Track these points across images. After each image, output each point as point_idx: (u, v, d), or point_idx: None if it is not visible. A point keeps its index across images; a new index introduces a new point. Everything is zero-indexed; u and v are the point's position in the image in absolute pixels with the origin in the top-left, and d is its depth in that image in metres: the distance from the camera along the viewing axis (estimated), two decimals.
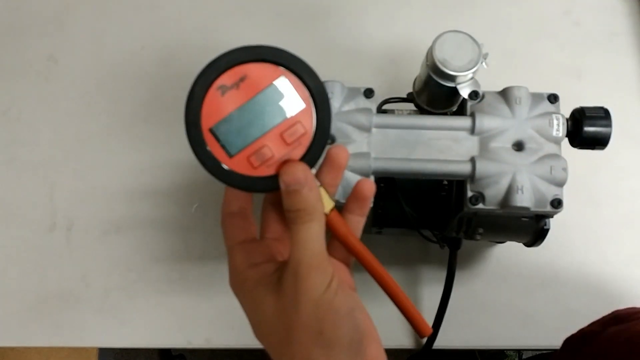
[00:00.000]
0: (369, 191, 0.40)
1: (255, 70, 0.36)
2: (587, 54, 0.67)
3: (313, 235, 0.36)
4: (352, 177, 0.46)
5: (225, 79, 0.36)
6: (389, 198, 0.51)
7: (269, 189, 0.37)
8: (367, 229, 0.40)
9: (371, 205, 0.40)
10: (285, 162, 0.36)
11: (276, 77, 0.36)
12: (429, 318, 0.57)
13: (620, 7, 0.68)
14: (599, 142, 0.47)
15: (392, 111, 0.53)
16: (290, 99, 0.36)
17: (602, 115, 0.47)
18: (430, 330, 0.39)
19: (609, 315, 0.54)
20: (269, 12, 0.69)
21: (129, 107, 0.66)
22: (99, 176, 0.64)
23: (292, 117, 0.36)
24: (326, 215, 0.37)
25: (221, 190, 0.38)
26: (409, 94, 0.54)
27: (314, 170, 0.37)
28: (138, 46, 0.68)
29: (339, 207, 0.39)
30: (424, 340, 0.58)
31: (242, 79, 0.36)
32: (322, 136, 0.37)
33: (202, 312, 0.60)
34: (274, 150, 0.36)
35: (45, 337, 0.60)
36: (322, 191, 0.38)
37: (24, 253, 0.62)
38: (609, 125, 0.47)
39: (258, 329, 0.38)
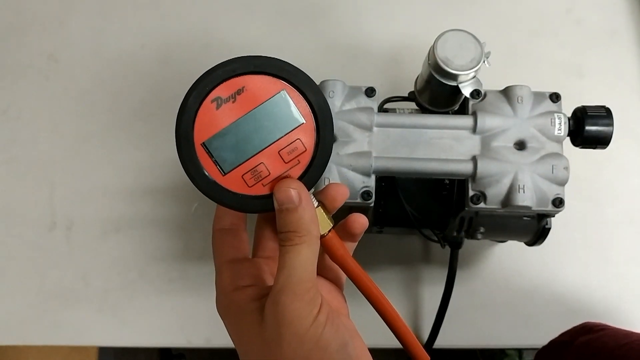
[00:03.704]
0: (360, 229, 0.37)
1: (254, 82, 0.34)
2: (589, 53, 0.67)
3: (302, 259, 0.33)
4: (353, 177, 0.46)
5: (222, 90, 0.34)
6: (390, 197, 0.51)
7: (263, 209, 0.35)
8: (368, 229, 0.39)
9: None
10: (279, 179, 0.34)
11: (276, 91, 0.34)
12: (429, 318, 0.58)
13: (621, 5, 0.68)
14: (601, 141, 0.47)
15: (393, 110, 0.53)
16: (290, 114, 0.34)
17: (604, 114, 0.47)
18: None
19: (579, 326, 0.53)
20: (270, 10, 0.69)
21: (129, 106, 0.66)
22: (99, 175, 0.63)
23: (291, 134, 0.34)
24: (324, 236, 0.36)
25: None
26: (411, 93, 0.53)
27: (311, 194, 0.35)
28: (138, 45, 0.68)
29: (344, 211, 0.38)
30: (425, 339, 0.58)
31: (239, 92, 0.34)
32: (323, 155, 0.35)
33: (202, 312, 0.60)
34: (271, 168, 0.34)
35: (46, 336, 0.60)
36: (321, 211, 0.36)
37: (24, 252, 0.62)
38: (611, 124, 0.47)
39: (243, 355, 0.36)
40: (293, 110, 0.34)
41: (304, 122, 0.34)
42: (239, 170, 0.34)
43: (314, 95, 0.34)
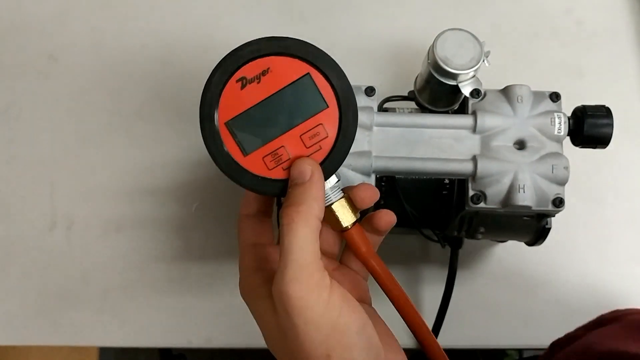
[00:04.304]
0: (385, 227, 0.37)
1: (279, 64, 0.33)
2: (589, 53, 0.67)
3: (299, 242, 0.31)
4: (353, 176, 0.46)
5: (247, 70, 0.33)
6: (390, 197, 0.51)
7: (281, 193, 0.34)
8: None
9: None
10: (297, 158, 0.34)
11: (301, 74, 0.34)
12: (430, 318, 0.57)
13: (621, 5, 0.68)
14: (601, 140, 0.47)
15: (393, 109, 0.53)
16: (314, 98, 0.34)
17: (604, 113, 0.47)
18: None
19: (595, 319, 0.53)
20: (269, 10, 0.69)
21: (129, 105, 0.66)
22: (99, 175, 0.63)
23: (314, 118, 0.34)
24: (346, 229, 0.35)
25: (221, 190, 0.38)
26: (410, 92, 0.53)
27: (334, 179, 0.35)
28: (138, 44, 0.67)
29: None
30: None
31: (264, 72, 0.33)
32: (345, 142, 0.34)
33: (202, 312, 0.60)
34: (292, 152, 0.34)
35: (46, 336, 0.60)
36: (344, 203, 0.35)
37: (24, 252, 0.62)
38: (611, 124, 0.46)
39: (266, 339, 0.35)
40: (317, 94, 0.34)
41: (328, 107, 0.34)
42: (260, 152, 0.34)
43: (338, 80, 0.34)
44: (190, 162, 0.63)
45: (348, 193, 0.36)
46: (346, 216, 0.35)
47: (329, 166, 0.34)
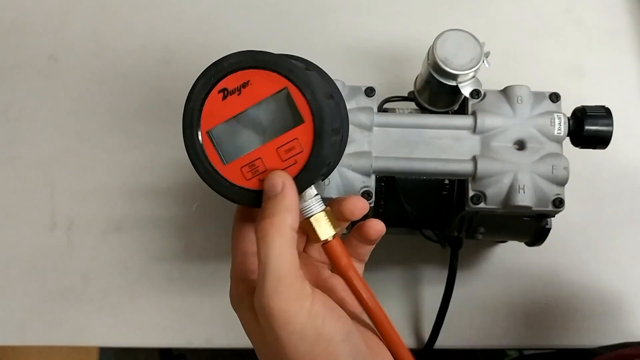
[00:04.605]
0: (375, 236, 0.37)
1: (259, 77, 0.34)
2: (589, 53, 0.67)
3: (275, 254, 0.31)
4: (353, 177, 0.46)
5: (229, 82, 0.34)
6: (389, 197, 0.51)
7: (255, 203, 0.35)
8: None
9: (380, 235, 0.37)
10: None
11: (279, 88, 0.34)
12: (430, 318, 0.58)
13: (621, 5, 0.68)
14: (601, 141, 0.47)
15: (393, 110, 0.53)
16: (290, 113, 0.34)
17: (604, 114, 0.47)
18: None
19: (613, 354, 0.52)
20: (269, 10, 0.69)
21: (129, 105, 0.66)
22: (99, 175, 0.63)
23: (290, 133, 0.34)
24: (327, 241, 0.35)
25: None
26: (410, 93, 0.53)
27: (313, 192, 0.35)
28: (138, 45, 0.67)
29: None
30: (425, 340, 0.58)
31: (244, 85, 0.34)
32: (319, 158, 0.34)
33: (202, 312, 0.60)
34: (268, 164, 0.34)
35: (46, 336, 0.60)
36: (324, 216, 0.35)
37: (24, 252, 0.62)
38: (611, 124, 0.47)
39: (254, 348, 0.35)
40: (294, 109, 0.34)
41: (304, 122, 0.34)
42: (238, 162, 0.35)
43: (311, 97, 0.34)
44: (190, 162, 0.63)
45: (337, 205, 0.36)
46: (324, 229, 0.35)
47: (303, 180, 0.34)
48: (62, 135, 0.65)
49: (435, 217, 0.52)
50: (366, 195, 0.46)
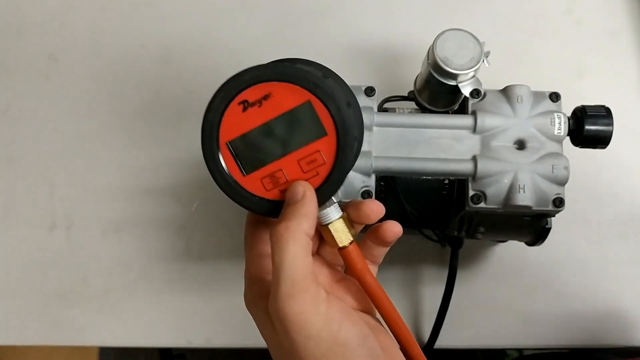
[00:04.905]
0: (392, 238, 0.37)
1: (280, 89, 0.34)
2: (589, 53, 0.67)
3: (290, 258, 0.31)
4: (353, 177, 0.46)
5: (249, 94, 0.34)
6: (390, 197, 0.51)
7: (276, 213, 0.35)
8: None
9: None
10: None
11: (301, 101, 0.34)
12: (430, 318, 0.58)
13: (621, 5, 0.68)
14: (601, 140, 0.47)
15: (393, 110, 0.53)
16: (313, 125, 0.34)
17: (604, 113, 0.47)
18: None
19: None
20: (269, 10, 0.69)
21: (129, 105, 0.66)
22: (99, 175, 0.63)
23: (312, 144, 0.34)
24: (343, 248, 0.36)
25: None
26: (410, 92, 0.53)
27: (335, 205, 0.36)
28: (138, 44, 0.67)
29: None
30: (425, 340, 0.58)
31: (265, 97, 0.34)
32: (341, 170, 0.35)
33: (202, 312, 0.60)
34: (289, 175, 0.35)
35: (46, 336, 0.60)
36: (342, 222, 0.36)
37: (24, 252, 0.62)
38: (611, 124, 0.46)
39: (269, 350, 0.35)
40: (316, 121, 0.34)
41: (327, 134, 0.34)
42: (258, 173, 0.35)
43: (336, 111, 0.34)
44: (190, 162, 0.63)
45: (353, 208, 0.36)
46: (342, 236, 0.36)
47: (325, 192, 0.35)
48: (62, 134, 0.65)
49: (435, 217, 0.52)
50: (366, 195, 0.46)
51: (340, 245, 0.36)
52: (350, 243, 0.36)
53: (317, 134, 0.34)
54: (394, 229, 0.37)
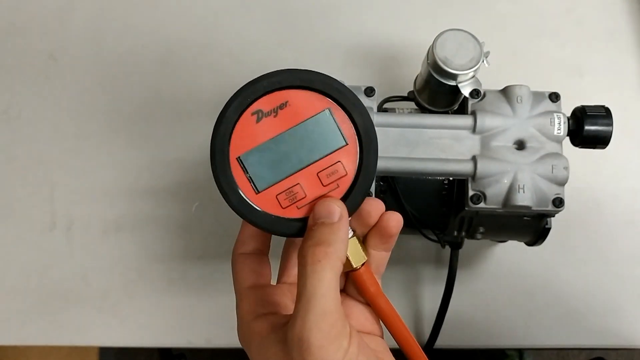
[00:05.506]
0: (396, 227, 0.34)
1: (298, 97, 0.32)
2: (589, 53, 0.67)
3: (325, 286, 0.29)
4: None
5: (264, 103, 0.32)
6: (389, 197, 0.51)
7: (295, 233, 0.33)
8: None
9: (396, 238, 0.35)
10: (321, 197, 0.32)
11: (321, 109, 0.32)
12: (430, 318, 0.58)
13: (621, 5, 0.68)
14: (600, 141, 0.47)
15: (393, 110, 0.53)
16: (332, 134, 0.32)
17: (604, 114, 0.47)
18: None
19: None
20: (269, 10, 0.69)
21: (129, 105, 0.66)
22: (99, 175, 0.63)
23: (332, 155, 0.32)
24: (356, 270, 0.33)
25: None
26: (410, 93, 0.53)
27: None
28: (138, 44, 0.67)
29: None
30: (425, 340, 0.58)
31: (282, 106, 0.32)
32: (365, 181, 0.32)
33: (202, 312, 0.60)
34: (307, 190, 0.32)
35: (46, 336, 0.60)
36: (355, 242, 0.33)
37: (24, 252, 0.62)
38: (610, 124, 0.46)
39: None
40: (336, 130, 0.32)
41: (347, 144, 0.32)
42: (273, 189, 0.32)
43: (360, 117, 0.32)
44: (190, 162, 0.63)
45: (353, 222, 0.35)
46: (357, 256, 0.34)
47: (348, 206, 0.33)
48: (62, 135, 0.65)
49: (435, 217, 0.52)
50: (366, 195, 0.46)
51: (354, 266, 0.34)
52: (362, 265, 0.34)
53: (338, 143, 0.32)
54: (395, 217, 0.35)
